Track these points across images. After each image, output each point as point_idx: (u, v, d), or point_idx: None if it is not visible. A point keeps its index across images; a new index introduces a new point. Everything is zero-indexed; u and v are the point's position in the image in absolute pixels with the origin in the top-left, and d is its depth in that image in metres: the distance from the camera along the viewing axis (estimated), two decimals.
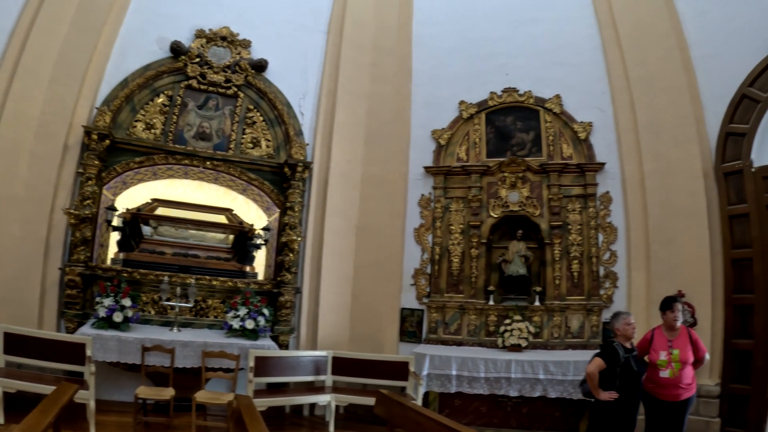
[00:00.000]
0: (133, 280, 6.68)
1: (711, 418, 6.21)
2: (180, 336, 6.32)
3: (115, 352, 5.91)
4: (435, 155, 7.93)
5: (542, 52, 8.01)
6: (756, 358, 6.17)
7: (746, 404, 6.15)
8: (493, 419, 6.58)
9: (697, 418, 6.12)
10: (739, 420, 6.16)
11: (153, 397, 5.65)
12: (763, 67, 6.54)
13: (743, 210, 6.53)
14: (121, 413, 5.88)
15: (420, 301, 7.65)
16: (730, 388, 6.28)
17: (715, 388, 6.28)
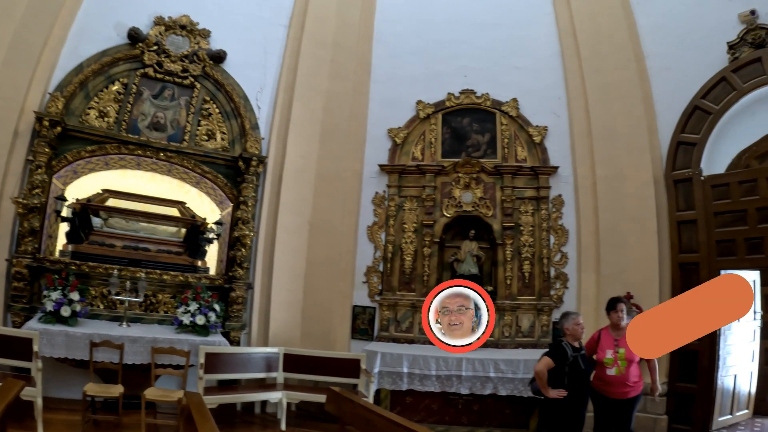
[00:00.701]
0: (82, 273, 6.46)
1: (658, 415, 6.40)
2: (129, 331, 6.12)
3: (62, 347, 5.70)
4: (390, 154, 7.87)
5: (502, 56, 8.07)
6: (702, 359, 6.42)
7: (692, 402, 6.40)
8: (445, 417, 6.61)
9: (644, 415, 6.30)
10: (685, 417, 6.39)
11: (102, 395, 5.45)
12: (716, 81, 6.85)
13: (691, 216, 6.79)
14: (69, 411, 5.66)
15: (372, 298, 7.60)
16: (677, 386, 6.50)
17: (663, 387, 6.39)
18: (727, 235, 6.71)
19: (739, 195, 6.74)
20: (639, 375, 4.67)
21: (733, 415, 6.93)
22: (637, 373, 4.66)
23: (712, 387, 6.41)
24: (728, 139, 7.24)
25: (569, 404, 4.41)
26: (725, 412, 6.75)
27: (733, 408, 6.94)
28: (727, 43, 6.96)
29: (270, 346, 6.94)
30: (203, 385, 5.90)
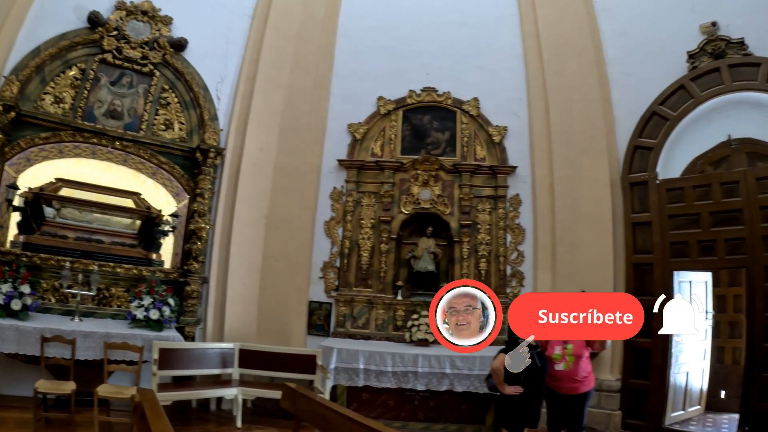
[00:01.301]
0: (33, 265, 6.22)
1: (612, 410, 6.54)
2: (82, 326, 5.89)
3: (12, 342, 5.45)
4: (350, 149, 7.80)
5: (464, 56, 8.06)
6: (655, 356, 6.56)
7: (645, 398, 6.55)
8: (401, 413, 6.56)
9: (598, 410, 6.50)
10: (638, 413, 6.52)
11: (53, 392, 5.21)
12: (674, 88, 7.03)
13: (646, 218, 6.93)
14: (21, 409, 5.44)
15: (328, 294, 7.51)
16: (630, 383, 6.63)
17: (616, 383, 6.63)
18: (680, 238, 6.84)
19: (693, 199, 6.87)
20: (588, 371, 4.65)
21: (685, 411, 7.08)
22: (586, 369, 4.65)
23: (664, 384, 6.56)
24: (684, 145, 7.38)
25: (525, 400, 4.47)
26: (678, 408, 6.90)
27: (685, 404, 7.10)
28: (687, 52, 7.14)
29: (225, 342, 6.80)
30: (157, 381, 5.74)
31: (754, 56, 6.82)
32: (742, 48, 6.94)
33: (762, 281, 6.30)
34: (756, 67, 6.74)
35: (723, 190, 6.77)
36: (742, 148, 7.35)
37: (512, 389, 4.44)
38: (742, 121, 7.20)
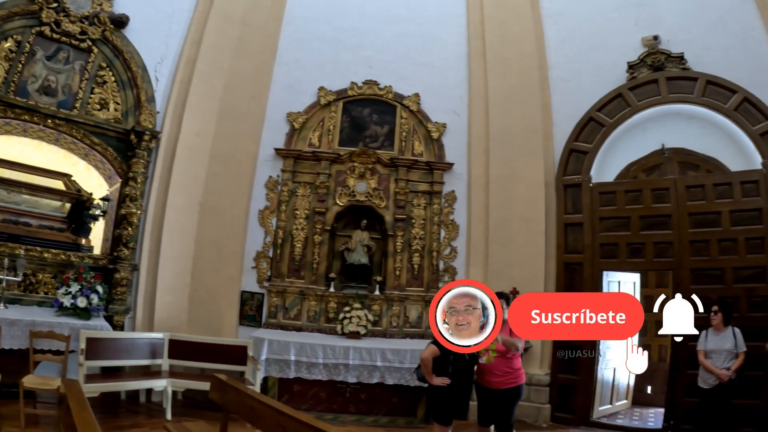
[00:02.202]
0: None
1: (541, 404, 6.72)
2: (7, 313, 5.59)
3: None
4: (287, 138, 7.65)
5: (409, 51, 8.05)
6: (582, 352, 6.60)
7: (573, 392, 6.76)
8: (333, 405, 6.54)
9: (528, 404, 6.64)
10: (567, 407, 6.74)
11: None
12: (612, 96, 7.35)
13: (578, 219, 7.19)
14: None
15: (261, 284, 7.36)
16: (559, 377, 6.82)
17: (546, 378, 6.81)
18: (610, 239, 7.07)
19: (625, 203, 7.13)
20: (513, 368, 4.59)
21: (612, 405, 7.31)
22: (510, 366, 4.60)
23: (592, 379, 6.77)
24: (620, 151, 7.64)
25: (452, 392, 4.48)
26: (605, 402, 7.15)
27: (612, 398, 7.35)
28: (628, 62, 7.45)
29: (155, 332, 6.59)
30: (84, 372, 5.47)
31: (692, 71, 7.14)
32: (681, 62, 7.24)
33: (688, 283, 6.54)
34: (693, 82, 7.07)
35: (654, 195, 7.04)
36: (675, 157, 7.63)
37: (440, 380, 4.47)
38: (677, 131, 7.50)
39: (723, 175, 7.19)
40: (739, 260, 6.55)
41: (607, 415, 7.22)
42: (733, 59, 7.03)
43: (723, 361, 5.36)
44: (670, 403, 6.57)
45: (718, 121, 7.16)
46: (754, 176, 6.75)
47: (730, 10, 7.15)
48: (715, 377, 5.36)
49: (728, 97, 6.93)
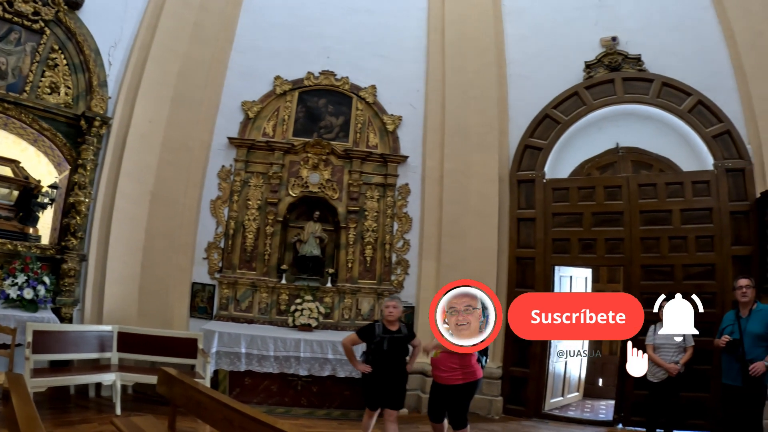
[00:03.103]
0: None
1: (494, 396, 6.82)
2: None
3: None
4: (241, 127, 7.52)
5: (367, 43, 8.00)
6: (534, 346, 6.88)
7: (525, 385, 6.87)
8: (284, 398, 6.52)
9: (480, 396, 6.63)
10: (519, 399, 6.85)
11: None
12: (569, 94, 7.47)
13: (531, 215, 7.26)
14: None
15: (212, 276, 7.22)
16: (511, 370, 6.91)
17: (498, 371, 6.89)
18: (562, 235, 7.18)
19: (578, 199, 7.24)
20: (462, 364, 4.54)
21: (564, 397, 7.50)
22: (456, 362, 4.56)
23: (543, 371, 6.90)
24: (574, 148, 7.78)
25: (373, 379, 4.75)
26: (557, 395, 7.32)
27: (564, 391, 7.51)
28: (585, 62, 7.56)
29: (104, 324, 6.43)
30: (31, 366, 5.31)
31: (649, 72, 7.31)
32: (638, 64, 7.41)
33: (638, 279, 6.75)
34: (649, 83, 7.24)
35: (606, 193, 7.17)
36: (629, 156, 7.77)
37: (363, 367, 4.74)
38: (631, 131, 7.67)
39: (675, 174, 7.35)
40: (688, 258, 6.73)
41: (559, 407, 7.39)
42: (690, 63, 7.21)
43: (672, 355, 5.48)
44: (620, 395, 6.72)
45: (672, 122, 7.35)
46: (705, 177, 6.93)
47: (689, 16, 7.33)
48: (664, 371, 5.49)
49: (683, 99, 7.12)
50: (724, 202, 6.76)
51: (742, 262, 6.51)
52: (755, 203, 6.58)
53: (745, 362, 4.50)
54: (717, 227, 6.72)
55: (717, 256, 6.63)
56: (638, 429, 6.27)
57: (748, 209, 6.63)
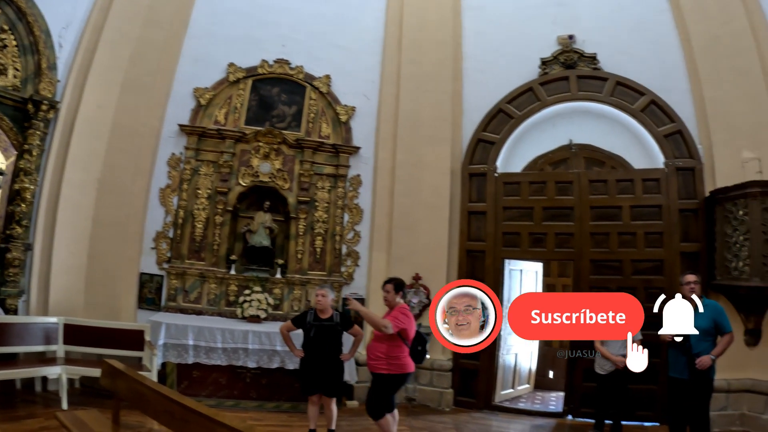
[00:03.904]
0: None
1: (444, 389, 6.89)
2: None
3: None
4: (193, 114, 7.40)
5: (324, 32, 7.96)
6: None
7: (476, 377, 6.97)
8: (233, 391, 6.43)
9: (431, 389, 6.88)
10: (469, 391, 6.95)
11: None
12: (523, 90, 7.59)
13: (482, 208, 7.32)
14: None
15: (160, 266, 7.09)
16: (461, 363, 6.97)
17: (448, 363, 6.96)
18: (513, 228, 7.27)
19: (529, 194, 7.33)
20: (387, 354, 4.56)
21: (515, 389, 7.64)
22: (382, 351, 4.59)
23: (493, 364, 7.01)
24: (528, 144, 7.87)
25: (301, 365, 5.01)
26: (507, 387, 7.46)
27: (514, 383, 7.63)
28: (541, 58, 7.69)
29: (50, 316, 6.29)
30: None
31: (603, 71, 7.47)
32: (594, 62, 7.56)
33: (587, 274, 6.90)
34: (603, 81, 7.41)
35: (558, 188, 7.28)
36: (581, 152, 7.88)
37: (297, 352, 4.98)
38: (585, 128, 7.80)
39: (626, 171, 7.50)
40: (637, 253, 6.89)
41: (510, 399, 7.51)
42: (645, 64, 7.39)
43: (619, 348, 5.58)
44: (569, 387, 6.88)
45: (625, 120, 7.52)
46: (655, 174, 7.10)
47: (646, 17, 7.51)
48: (612, 363, 5.62)
49: (636, 99, 7.29)
50: (673, 200, 6.94)
51: (690, 258, 6.69)
52: (704, 202, 6.77)
53: (692, 356, 4.60)
54: (666, 224, 6.90)
55: (666, 252, 6.82)
56: (587, 420, 6.39)
57: (697, 207, 6.82)
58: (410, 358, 4.63)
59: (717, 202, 6.46)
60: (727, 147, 6.78)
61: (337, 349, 5.02)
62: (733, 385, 6.07)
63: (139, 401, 3.65)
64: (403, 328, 4.52)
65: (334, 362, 5.01)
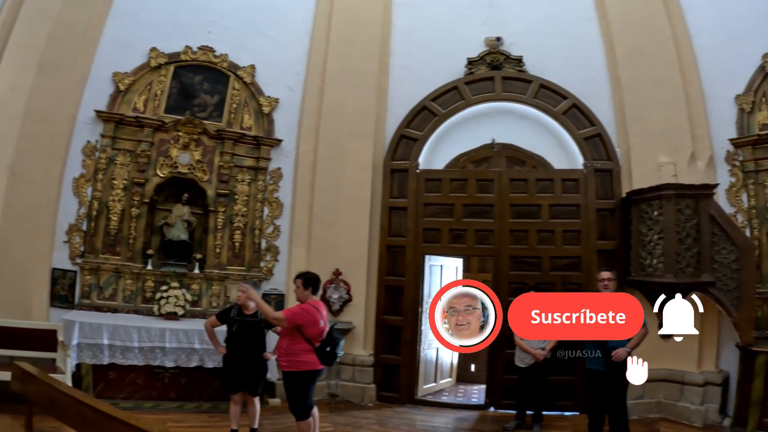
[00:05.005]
0: None
1: (366, 384, 6.94)
2: None
3: None
4: (111, 100, 6.95)
5: (252, 21, 7.73)
6: (405, 333, 7.12)
7: (397, 372, 7.07)
8: (152, 392, 6.19)
9: (353, 384, 6.93)
10: (392, 386, 7.04)
11: None
12: (448, 88, 7.69)
13: (403, 204, 7.42)
14: None
15: (73, 261, 6.66)
16: (383, 358, 7.09)
17: (369, 358, 7.05)
18: (434, 225, 7.41)
19: (450, 191, 7.48)
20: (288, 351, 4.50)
21: (437, 383, 7.79)
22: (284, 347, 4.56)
23: (415, 358, 7.13)
24: (452, 141, 8.02)
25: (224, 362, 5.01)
26: (429, 381, 7.59)
27: (437, 377, 7.79)
28: (468, 58, 7.81)
29: None
30: None
31: (528, 74, 7.71)
32: (519, 65, 7.78)
33: (507, 270, 7.14)
34: (527, 83, 7.64)
35: (479, 185, 7.47)
36: (503, 152, 8.08)
37: (220, 348, 4.98)
38: (508, 128, 8.00)
39: (546, 171, 7.73)
40: (556, 250, 7.20)
41: (433, 392, 7.69)
42: (569, 69, 7.67)
43: (538, 342, 5.78)
44: (491, 380, 7.10)
45: (547, 122, 7.79)
46: (574, 175, 7.42)
47: (574, 25, 7.76)
48: (531, 356, 5.83)
49: (559, 102, 7.58)
50: (591, 200, 7.28)
51: (606, 255, 7.05)
52: (620, 202, 7.13)
53: (608, 349, 4.81)
54: (584, 222, 7.24)
55: (583, 250, 7.15)
56: (509, 411, 6.60)
57: (613, 207, 7.18)
58: (312, 356, 4.48)
59: (633, 202, 6.79)
60: (644, 151, 7.16)
61: (260, 346, 4.99)
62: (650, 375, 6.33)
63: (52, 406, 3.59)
64: (299, 323, 4.39)
65: (257, 359, 4.98)
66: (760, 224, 6.53)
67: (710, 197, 6.34)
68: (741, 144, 6.76)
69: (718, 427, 6.08)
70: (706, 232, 6.23)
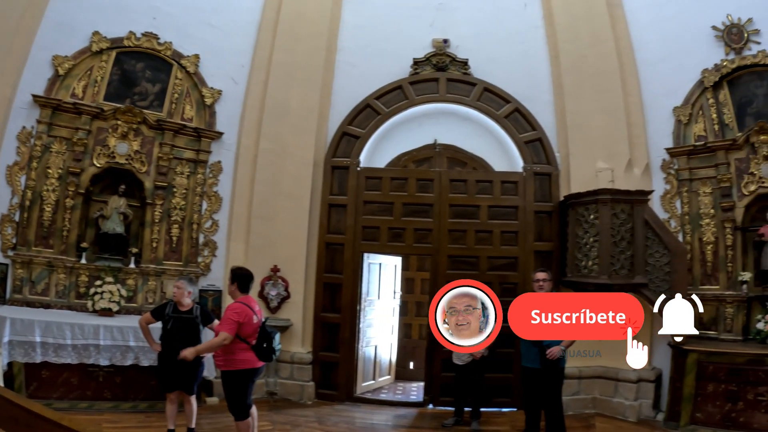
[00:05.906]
0: None
1: (305, 382, 7.01)
2: None
3: None
4: (49, 85, 6.63)
5: (199, 9, 7.56)
6: (343, 331, 7.20)
7: (336, 369, 7.15)
8: (86, 391, 5.98)
9: (292, 382, 6.97)
10: (330, 383, 7.13)
11: None
12: (392, 87, 7.80)
13: (343, 201, 7.51)
14: None
15: (5, 253, 6.37)
16: (321, 355, 7.17)
17: (308, 356, 7.11)
18: (373, 223, 7.55)
19: (390, 189, 7.64)
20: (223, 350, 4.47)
21: (376, 380, 7.95)
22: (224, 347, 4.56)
23: (353, 356, 7.25)
24: (394, 140, 8.20)
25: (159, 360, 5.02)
26: (368, 378, 7.74)
27: (375, 374, 7.95)
28: (414, 59, 7.91)
29: None
30: None
31: (473, 77, 7.87)
32: (465, 68, 7.94)
33: (445, 268, 7.32)
34: (471, 86, 7.82)
35: (419, 185, 7.65)
36: (445, 152, 8.25)
37: (155, 346, 4.97)
38: (450, 129, 8.23)
39: (486, 173, 7.92)
40: (493, 250, 7.45)
41: (371, 390, 7.86)
42: (513, 73, 7.88)
43: None
44: (429, 377, 7.30)
45: (489, 125, 8.03)
46: (514, 177, 7.68)
47: (520, 31, 7.97)
48: (468, 354, 5.97)
49: (501, 105, 7.81)
50: (530, 202, 7.56)
51: (543, 256, 7.36)
52: (558, 205, 7.44)
53: (543, 347, 5.05)
54: (522, 224, 7.51)
55: (520, 250, 7.43)
56: (447, 408, 6.80)
57: (551, 210, 7.48)
58: (249, 354, 4.40)
59: (570, 206, 7.07)
60: (583, 156, 7.46)
61: (195, 344, 4.82)
62: (585, 372, 6.77)
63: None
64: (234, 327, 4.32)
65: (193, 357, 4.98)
66: (692, 230, 6.98)
67: (645, 203, 6.69)
68: (677, 153, 7.18)
69: (651, 421, 6.38)
70: (640, 236, 6.54)
